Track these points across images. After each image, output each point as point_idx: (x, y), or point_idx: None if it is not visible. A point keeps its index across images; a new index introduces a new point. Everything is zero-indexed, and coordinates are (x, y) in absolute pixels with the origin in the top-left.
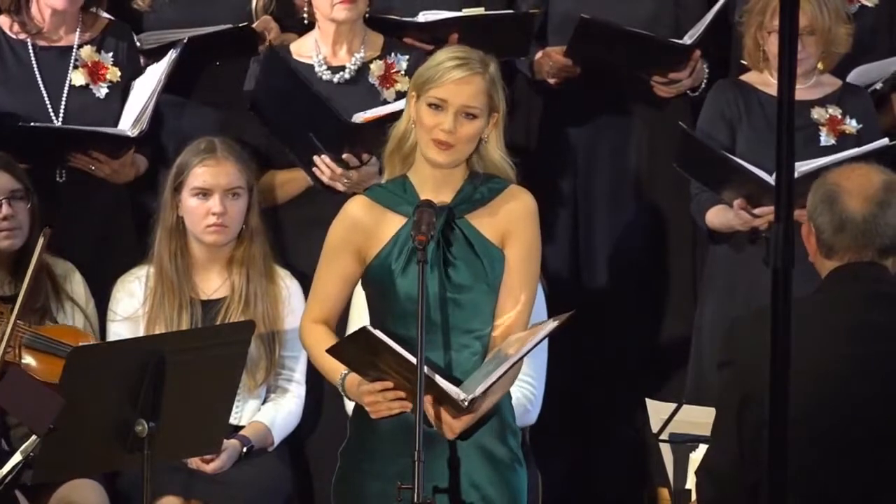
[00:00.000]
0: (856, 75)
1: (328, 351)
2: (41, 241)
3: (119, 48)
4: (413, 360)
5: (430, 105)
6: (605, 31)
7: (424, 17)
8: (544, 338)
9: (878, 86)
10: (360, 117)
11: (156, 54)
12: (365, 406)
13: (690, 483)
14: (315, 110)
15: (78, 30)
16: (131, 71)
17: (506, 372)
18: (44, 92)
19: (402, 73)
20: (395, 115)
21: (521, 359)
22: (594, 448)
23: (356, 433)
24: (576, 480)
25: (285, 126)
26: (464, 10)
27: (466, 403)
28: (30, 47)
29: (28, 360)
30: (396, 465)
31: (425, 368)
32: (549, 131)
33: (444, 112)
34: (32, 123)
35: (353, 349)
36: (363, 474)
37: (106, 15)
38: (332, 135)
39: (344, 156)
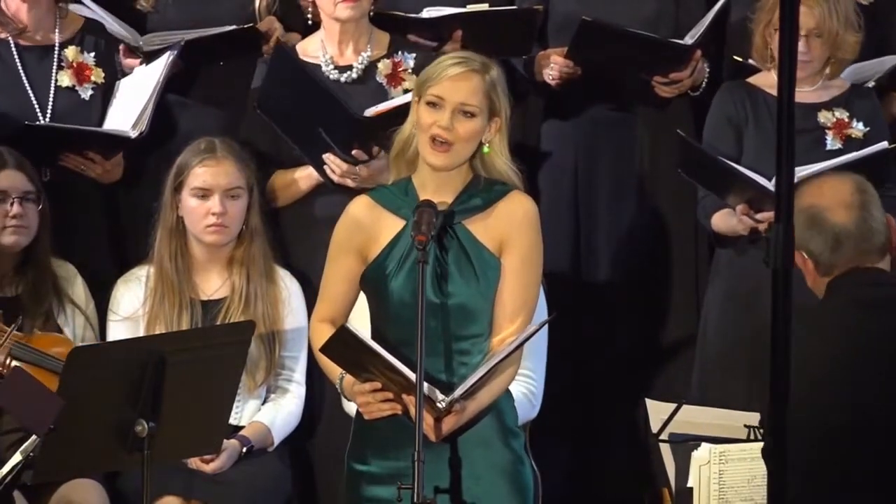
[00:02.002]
0: (849, 73)
1: (320, 350)
2: (13, 325)
3: (98, 47)
4: (391, 358)
5: (428, 103)
6: (607, 33)
7: (429, 13)
8: (523, 342)
9: (871, 83)
10: (371, 111)
11: (158, 55)
12: (359, 407)
13: (691, 482)
14: (325, 106)
15: (57, 29)
16: (110, 69)
17: (485, 375)
18: (30, 92)
19: (410, 71)
20: (404, 108)
21: (500, 362)
22: (594, 448)
23: (358, 435)
24: (576, 480)
25: (294, 123)
26: (468, 7)
27: (444, 405)
28: (12, 47)
29: None
30: (399, 466)
31: (407, 370)
32: (550, 131)
33: (442, 109)
34: (38, 123)
35: (338, 348)
36: (366, 476)
37: (80, 13)
38: (342, 130)
39: (354, 152)
